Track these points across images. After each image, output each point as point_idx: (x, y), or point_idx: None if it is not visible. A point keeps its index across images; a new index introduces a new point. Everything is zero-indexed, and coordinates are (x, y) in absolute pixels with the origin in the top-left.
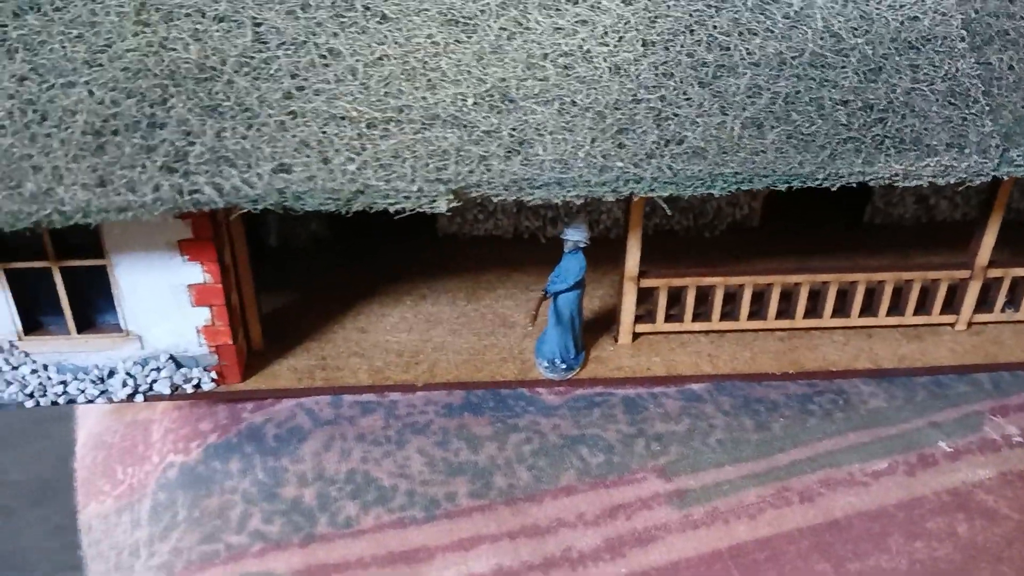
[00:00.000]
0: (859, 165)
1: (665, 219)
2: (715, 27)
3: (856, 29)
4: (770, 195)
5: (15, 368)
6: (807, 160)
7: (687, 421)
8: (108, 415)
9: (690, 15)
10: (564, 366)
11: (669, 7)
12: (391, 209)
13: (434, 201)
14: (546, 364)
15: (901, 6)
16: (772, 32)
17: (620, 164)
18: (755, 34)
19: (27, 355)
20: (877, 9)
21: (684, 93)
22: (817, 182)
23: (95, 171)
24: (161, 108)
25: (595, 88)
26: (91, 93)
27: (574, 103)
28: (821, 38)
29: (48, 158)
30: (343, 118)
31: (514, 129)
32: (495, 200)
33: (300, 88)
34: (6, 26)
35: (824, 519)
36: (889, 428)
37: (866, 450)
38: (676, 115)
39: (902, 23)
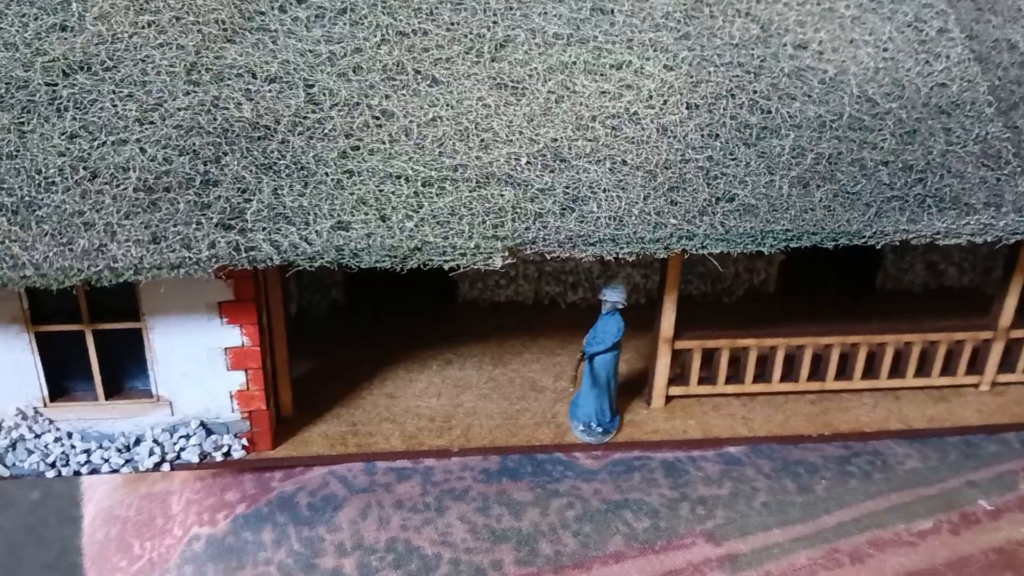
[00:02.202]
0: (904, 223)
1: (684, 284)
2: (755, 91)
3: (889, 95)
4: (785, 261)
5: (38, 436)
6: (854, 218)
7: (729, 484)
8: (120, 488)
9: (730, 80)
10: (600, 430)
11: (710, 73)
12: (446, 266)
13: (489, 258)
14: (582, 428)
15: (929, 73)
16: (810, 97)
17: (674, 221)
18: (794, 98)
19: (51, 422)
20: (907, 76)
21: (731, 153)
22: (863, 240)
23: (148, 228)
24: (215, 166)
25: (644, 148)
26: (143, 150)
27: (624, 163)
28: (857, 102)
29: (100, 215)
30: (399, 177)
31: (568, 187)
32: (548, 256)
33: (355, 148)
34: (56, 85)
35: None
36: (928, 488)
37: (909, 510)
38: (724, 174)
39: (932, 89)
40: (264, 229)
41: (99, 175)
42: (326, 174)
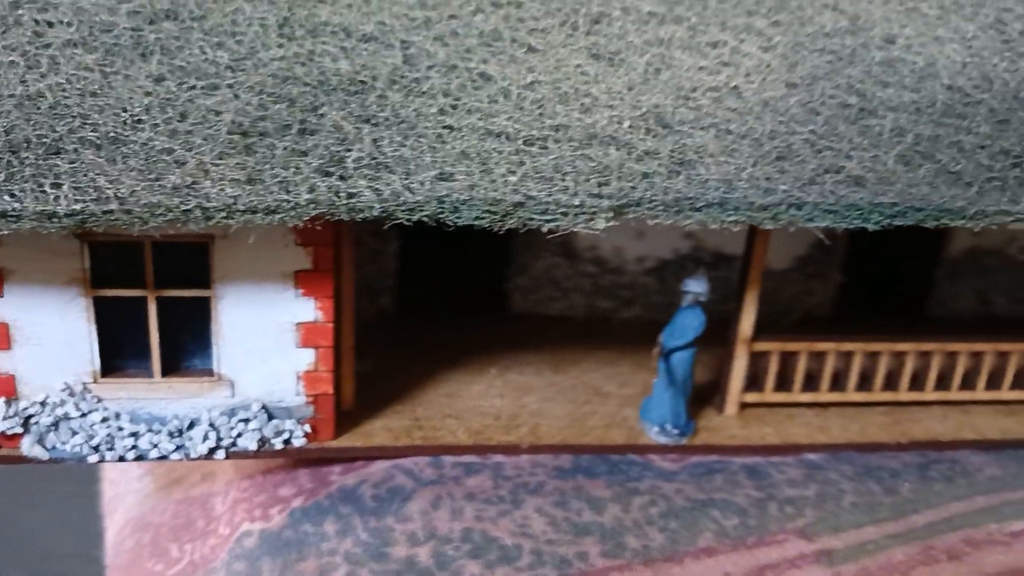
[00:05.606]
0: (1005, 204)
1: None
2: (850, 76)
3: (978, 87)
4: (842, 284)
5: (84, 415)
6: (958, 195)
7: (815, 486)
8: (151, 495)
9: (825, 64)
10: (676, 431)
11: (804, 56)
12: (545, 227)
13: (592, 218)
14: (657, 429)
15: (1015, 70)
16: (903, 84)
17: (784, 188)
18: (887, 85)
19: (99, 400)
20: (994, 71)
21: (834, 129)
22: (964, 220)
23: (244, 168)
24: (313, 114)
25: (748, 118)
26: (236, 96)
27: (729, 131)
28: (948, 92)
29: (191, 153)
30: (500, 134)
31: (673, 151)
32: (652, 222)
33: (454, 106)
34: (142, 31)
35: None
36: (1013, 493)
37: (998, 512)
38: (830, 147)
39: (1020, 83)
40: (365, 177)
41: (189, 116)
42: (426, 127)
